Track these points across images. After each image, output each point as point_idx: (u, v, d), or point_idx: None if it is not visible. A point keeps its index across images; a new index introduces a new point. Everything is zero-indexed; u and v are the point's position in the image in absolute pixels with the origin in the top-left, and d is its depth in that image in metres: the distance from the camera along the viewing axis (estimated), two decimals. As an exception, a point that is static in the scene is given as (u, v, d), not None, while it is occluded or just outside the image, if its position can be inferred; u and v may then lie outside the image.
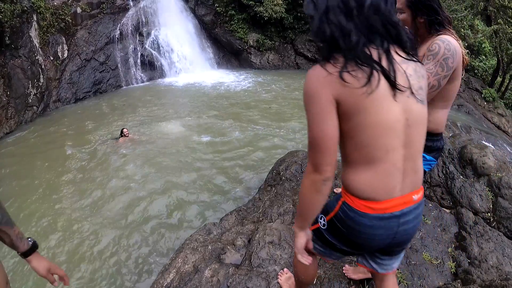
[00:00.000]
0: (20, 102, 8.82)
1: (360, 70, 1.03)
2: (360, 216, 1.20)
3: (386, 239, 1.25)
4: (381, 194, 1.18)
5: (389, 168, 1.15)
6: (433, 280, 2.45)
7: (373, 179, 1.16)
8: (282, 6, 14.62)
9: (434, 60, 1.64)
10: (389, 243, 1.28)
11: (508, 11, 11.44)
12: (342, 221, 1.27)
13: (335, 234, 1.33)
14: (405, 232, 1.26)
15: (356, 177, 1.19)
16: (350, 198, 1.22)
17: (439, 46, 1.64)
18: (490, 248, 2.85)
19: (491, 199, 3.43)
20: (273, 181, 3.79)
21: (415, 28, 1.82)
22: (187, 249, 2.64)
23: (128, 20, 12.96)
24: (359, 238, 1.26)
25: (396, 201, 1.19)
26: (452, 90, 1.77)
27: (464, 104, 10.91)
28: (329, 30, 1.07)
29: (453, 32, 1.75)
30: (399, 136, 1.13)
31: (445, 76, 1.64)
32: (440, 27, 1.74)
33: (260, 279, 2.21)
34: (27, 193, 5.37)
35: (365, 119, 1.08)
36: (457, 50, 1.64)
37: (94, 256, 3.94)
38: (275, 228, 2.64)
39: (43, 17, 10.17)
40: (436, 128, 1.84)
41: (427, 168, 1.92)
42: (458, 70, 1.69)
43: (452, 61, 1.62)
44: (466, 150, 4.00)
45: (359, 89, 1.04)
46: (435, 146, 1.90)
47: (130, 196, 5.05)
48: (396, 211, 1.20)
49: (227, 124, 8.05)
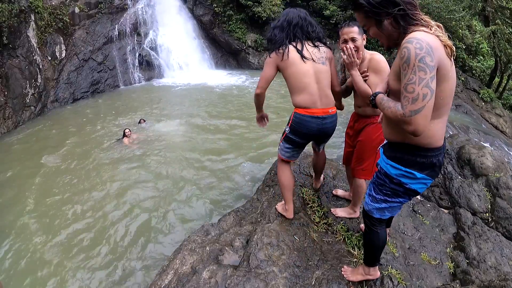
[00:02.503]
0: (18, 102, 8.79)
1: (280, 52, 2.30)
2: (303, 116, 2.37)
3: (316, 130, 2.40)
4: (310, 105, 2.35)
5: (311, 92, 2.33)
6: (431, 280, 2.45)
7: (305, 98, 2.35)
8: (280, 6, 14.64)
9: (409, 68, 1.41)
10: (319, 134, 2.44)
11: (506, 12, 11.48)
12: (295, 122, 2.41)
13: (294, 132, 2.45)
14: (326, 129, 2.43)
15: (298, 98, 2.38)
16: (297, 109, 2.40)
17: (408, 49, 1.41)
18: (489, 248, 2.86)
19: (489, 199, 3.44)
20: (271, 182, 3.78)
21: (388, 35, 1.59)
22: (185, 250, 2.62)
23: (126, 20, 12.94)
24: (304, 129, 2.39)
25: (319, 110, 2.35)
26: (441, 95, 1.49)
27: (462, 104, 10.93)
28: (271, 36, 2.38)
29: (425, 22, 1.50)
30: (311, 77, 2.32)
31: (431, 78, 1.40)
32: (406, 21, 1.51)
33: (259, 280, 2.20)
34: (25, 193, 5.34)
35: (290, 71, 2.32)
36: (432, 45, 1.40)
37: (90, 257, 3.92)
38: (273, 229, 2.63)
39: (41, 17, 10.13)
40: (428, 143, 1.59)
41: (420, 188, 1.71)
42: (443, 67, 1.44)
43: (431, 59, 1.39)
44: (464, 151, 4.01)
45: (282, 59, 2.31)
46: (429, 163, 1.63)
47: (128, 196, 5.03)
48: (320, 115, 2.36)
49: (225, 124, 8.05)
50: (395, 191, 1.75)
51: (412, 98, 1.40)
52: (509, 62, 12.63)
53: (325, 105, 2.35)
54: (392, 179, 1.71)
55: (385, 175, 1.75)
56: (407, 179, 1.67)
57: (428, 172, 1.66)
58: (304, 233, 2.67)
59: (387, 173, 1.73)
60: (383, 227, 1.99)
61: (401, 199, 1.78)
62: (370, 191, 1.89)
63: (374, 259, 2.14)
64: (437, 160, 1.66)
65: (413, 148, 1.62)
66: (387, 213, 1.87)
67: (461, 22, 12.17)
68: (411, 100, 1.40)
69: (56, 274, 3.70)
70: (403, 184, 1.69)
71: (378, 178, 1.80)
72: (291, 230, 2.67)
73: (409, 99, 1.41)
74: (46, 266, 3.83)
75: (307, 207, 3.00)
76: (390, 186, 1.74)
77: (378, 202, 1.84)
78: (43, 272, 3.75)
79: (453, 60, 1.53)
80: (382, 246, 2.04)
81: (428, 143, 1.60)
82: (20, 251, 4.09)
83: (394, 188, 1.73)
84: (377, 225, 1.95)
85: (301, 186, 3.26)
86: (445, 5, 11.83)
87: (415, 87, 1.39)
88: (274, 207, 2.95)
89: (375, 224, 1.94)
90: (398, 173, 1.68)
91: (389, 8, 1.51)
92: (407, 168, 1.65)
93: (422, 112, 1.40)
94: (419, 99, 1.39)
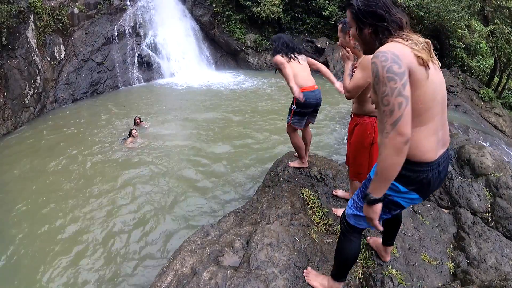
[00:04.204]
0: (17, 103, 8.78)
1: (286, 56, 3.31)
2: (304, 92, 3.16)
3: (313, 99, 3.27)
4: (304, 84, 3.24)
5: (303, 77, 3.28)
6: (432, 280, 2.44)
7: (301, 80, 3.23)
8: (280, 7, 14.63)
9: (380, 82, 1.39)
10: (315, 102, 3.33)
11: (505, 11, 11.49)
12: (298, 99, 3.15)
13: (299, 105, 3.28)
14: (318, 98, 3.32)
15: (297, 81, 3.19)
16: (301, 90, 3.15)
17: (375, 64, 1.40)
18: (489, 248, 2.85)
19: (489, 199, 3.44)
20: (270, 182, 3.78)
21: (365, 42, 1.61)
22: (185, 251, 2.62)
23: (126, 21, 12.93)
24: (308, 103, 3.23)
25: (310, 86, 3.28)
26: (420, 101, 1.44)
27: (462, 104, 10.93)
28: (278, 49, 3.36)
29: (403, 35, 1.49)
30: (302, 70, 3.30)
31: (403, 85, 1.36)
32: (385, 35, 1.51)
33: (259, 281, 2.19)
34: (23, 194, 5.33)
35: (292, 67, 3.26)
36: (398, 53, 1.38)
37: (90, 259, 3.91)
38: (274, 230, 2.62)
39: (40, 18, 10.12)
40: (412, 154, 1.49)
41: (404, 203, 1.64)
42: (415, 73, 1.40)
43: (398, 67, 1.36)
44: (464, 150, 4.01)
45: (287, 61, 3.29)
46: (415, 178, 1.54)
47: (128, 197, 5.03)
48: (312, 89, 3.28)
49: (225, 124, 8.05)
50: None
51: (389, 110, 1.38)
52: (508, 62, 12.63)
53: (312, 83, 3.34)
54: None
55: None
56: (389, 190, 1.58)
57: (413, 188, 1.58)
58: (304, 234, 2.67)
59: None
60: (357, 238, 1.89)
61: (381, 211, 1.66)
62: (354, 196, 1.84)
63: (341, 273, 2.05)
64: (425, 177, 1.55)
65: None
66: (363, 223, 1.78)
67: (460, 22, 12.18)
68: (389, 112, 1.38)
69: (56, 274, 3.70)
70: (385, 194, 1.58)
71: (365, 185, 1.75)
72: (291, 231, 2.66)
73: (387, 113, 1.39)
74: (46, 266, 3.83)
75: (307, 208, 3.00)
76: None
77: (357, 209, 1.77)
78: (43, 272, 3.75)
79: (434, 65, 1.50)
80: (351, 259, 1.94)
81: (413, 154, 1.49)
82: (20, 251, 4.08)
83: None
84: (350, 232, 1.87)
85: (301, 187, 3.26)
86: (444, 5, 11.84)
87: (390, 98, 1.37)
88: (288, 166, 3.73)
89: (348, 230, 1.87)
90: None
91: (374, 20, 1.52)
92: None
93: (401, 121, 1.36)
94: (395, 110, 1.37)
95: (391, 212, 1.70)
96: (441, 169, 1.61)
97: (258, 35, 15.68)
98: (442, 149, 1.60)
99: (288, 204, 2.97)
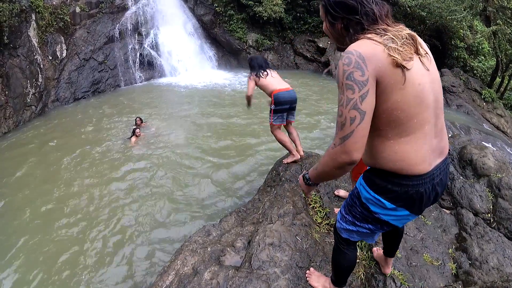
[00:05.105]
0: (19, 102, 8.79)
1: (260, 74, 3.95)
2: (280, 93, 3.82)
3: (288, 98, 3.86)
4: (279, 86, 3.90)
5: (278, 83, 3.94)
6: (434, 281, 2.44)
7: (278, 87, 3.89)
8: (281, 6, 14.61)
9: (339, 88, 1.24)
10: (290, 99, 3.88)
11: (507, 12, 11.45)
12: (276, 97, 3.82)
13: (277, 104, 3.83)
14: (293, 97, 3.91)
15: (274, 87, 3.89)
16: (275, 91, 3.84)
17: (338, 67, 1.25)
18: (491, 249, 2.84)
19: (491, 200, 3.43)
20: (272, 182, 3.77)
21: (337, 38, 1.45)
22: (186, 251, 2.61)
23: (127, 20, 12.93)
24: (282, 99, 3.83)
25: (285, 88, 3.89)
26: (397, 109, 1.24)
27: (463, 104, 10.91)
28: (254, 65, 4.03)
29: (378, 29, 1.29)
30: (276, 80, 3.98)
31: (362, 96, 1.19)
32: (355, 30, 1.33)
33: (261, 281, 2.19)
34: (24, 193, 5.34)
35: (268, 81, 3.94)
36: (365, 55, 1.20)
37: (91, 258, 3.92)
38: (275, 229, 2.62)
39: (42, 17, 10.13)
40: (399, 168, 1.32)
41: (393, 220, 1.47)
42: (387, 76, 1.21)
43: (361, 73, 1.18)
44: (466, 151, 4.00)
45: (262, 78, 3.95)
46: (403, 193, 1.37)
47: (129, 196, 5.04)
48: (287, 89, 3.90)
49: (226, 124, 8.04)
50: (364, 216, 1.53)
51: (341, 123, 1.23)
52: (510, 62, 12.60)
53: (286, 86, 3.97)
54: (362, 202, 1.51)
55: (357, 196, 1.55)
56: (375, 207, 1.45)
57: (402, 204, 1.39)
58: (306, 234, 2.66)
59: (359, 194, 1.53)
60: (352, 250, 1.80)
61: (371, 226, 1.55)
62: (341, 209, 1.71)
63: (339, 280, 2.01)
64: (416, 192, 1.36)
65: (385, 173, 1.37)
66: (356, 236, 1.67)
67: (462, 22, 12.14)
68: (340, 125, 1.24)
69: (56, 274, 3.70)
70: (371, 211, 1.48)
71: (351, 197, 1.61)
72: (293, 231, 2.66)
73: (338, 124, 1.25)
74: (46, 266, 3.83)
75: (309, 208, 2.99)
76: (359, 209, 1.54)
77: (346, 223, 1.65)
78: (43, 272, 3.75)
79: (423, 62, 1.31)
80: (347, 268, 1.89)
81: (400, 168, 1.32)
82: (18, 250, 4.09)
83: (362, 212, 1.52)
84: (344, 245, 1.77)
85: (302, 187, 3.25)
86: (446, 5, 11.81)
87: (343, 110, 1.22)
88: (284, 163, 4.08)
89: (342, 243, 1.77)
90: (367, 197, 1.47)
91: (345, 13, 1.34)
92: (376, 194, 1.42)
93: (351, 138, 1.21)
94: (346, 124, 1.21)
95: (384, 229, 1.57)
96: (437, 181, 1.41)
97: (260, 34, 15.67)
98: (438, 159, 1.41)
99: (290, 203, 2.96)
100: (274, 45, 15.93)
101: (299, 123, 7.92)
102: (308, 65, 15.34)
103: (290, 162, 4.03)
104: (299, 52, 15.59)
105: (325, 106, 9.53)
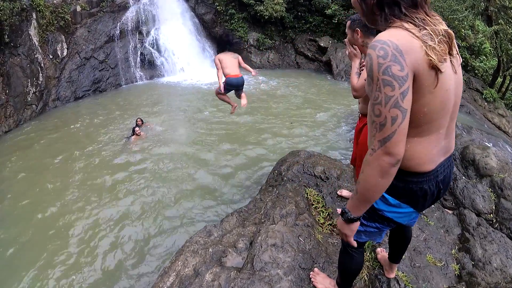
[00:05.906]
0: (19, 101, 8.78)
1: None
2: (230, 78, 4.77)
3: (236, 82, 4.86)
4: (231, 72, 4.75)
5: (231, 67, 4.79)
6: (437, 282, 2.42)
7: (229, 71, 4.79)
8: (283, 5, 14.58)
9: (374, 84, 1.11)
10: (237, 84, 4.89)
11: (509, 12, 11.41)
12: (227, 80, 4.74)
13: (227, 84, 4.82)
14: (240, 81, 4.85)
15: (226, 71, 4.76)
16: (227, 76, 4.75)
17: (370, 58, 1.10)
18: (494, 250, 2.83)
19: (494, 200, 3.41)
20: (274, 182, 3.75)
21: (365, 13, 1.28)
22: (187, 251, 2.59)
23: (128, 19, 12.91)
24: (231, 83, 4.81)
25: (235, 75, 4.76)
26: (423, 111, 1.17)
27: (465, 104, 10.88)
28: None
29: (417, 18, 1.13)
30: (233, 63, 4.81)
31: (403, 93, 1.07)
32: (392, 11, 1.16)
33: (263, 283, 2.17)
34: (24, 191, 5.33)
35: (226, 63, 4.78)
36: (402, 48, 1.07)
37: (92, 258, 3.91)
38: (278, 230, 2.60)
39: (43, 15, 10.11)
40: (407, 166, 1.30)
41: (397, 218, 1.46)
42: (422, 75, 1.10)
43: (400, 68, 1.06)
44: (468, 151, 3.98)
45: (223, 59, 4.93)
46: (408, 189, 1.35)
47: (130, 196, 5.02)
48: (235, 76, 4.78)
49: (227, 123, 8.02)
50: (370, 214, 1.51)
51: (380, 124, 1.12)
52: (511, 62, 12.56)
53: (237, 73, 4.79)
54: None
55: None
56: (379, 203, 1.43)
57: (406, 200, 1.37)
58: (309, 234, 2.64)
59: None
60: (360, 252, 1.76)
61: (378, 224, 1.53)
62: None
63: (345, 283, 1.98)
64: (420, 188, 1.33)
65: None
66: (364, 237, 1.63)
67: (464, 22, 12.10)
68: (379, 126, 1.13)
69: (55, 274, 3.69)
70: (375, 208, 1.45)
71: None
72: (295, 231, 2.64)
73: (376, 125, 1.14)
74: (45, 265, 3.82)
75: (312, 208, 2.97)
76: None
77: None
78: (42, 271, 3.74)
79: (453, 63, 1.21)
80: (355, 271, 1.85)
81: (407, 166, 1.28)
82: (17, 249, 4.08)
83: (369, 210, 1.46)
84: (350, 247, 1.69)
85: (305, 187, 3.24)
86: (448, 4, 11.77)
87: (382, 109, 1.10)
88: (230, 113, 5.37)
89: (348, 245, 1.67)
90: None
91: None
92: None
93: (393, 139, 1.11)
94: (387, 124, 1.10)
95: (390, 225, 1.55)
96: (441, 179, 1.38)
97: (261, 33, 15.64)
98: (442, 157, 1.37)
99: (293, 204, 2.94)
100: (275, 44, 15.90)
101: (301, 122, 7.89)
102: (309, 64, 15.31)
103: (235, 106, 5.27)
104: (300, 51, 15.56)
105: (326, 105, 9.51)
